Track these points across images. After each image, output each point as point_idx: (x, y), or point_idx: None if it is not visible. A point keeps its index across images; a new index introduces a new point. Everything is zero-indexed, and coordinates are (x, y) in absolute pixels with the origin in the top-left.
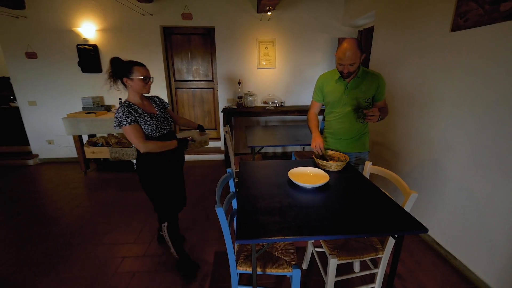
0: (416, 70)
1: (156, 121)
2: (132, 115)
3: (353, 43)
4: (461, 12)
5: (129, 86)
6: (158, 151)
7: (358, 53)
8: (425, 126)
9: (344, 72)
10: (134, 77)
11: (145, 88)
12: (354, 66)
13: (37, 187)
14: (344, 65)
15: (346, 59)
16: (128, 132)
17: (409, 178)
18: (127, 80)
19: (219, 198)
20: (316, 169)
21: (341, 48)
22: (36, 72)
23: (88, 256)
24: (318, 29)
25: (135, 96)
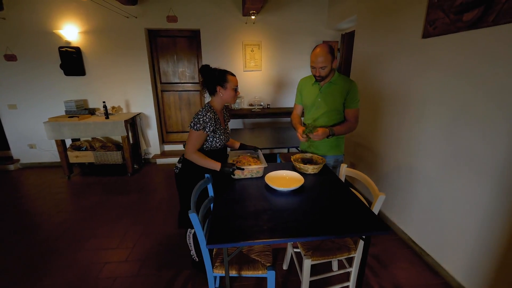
0: (393, 74)
1: (223, 134)
2: (212, 124)
3: (325, 48)
4: (430, 20)
5: (220, 95)
6: (199, 165)
7: (329, 57)
8: (402, 128)
9: (316, 75)
10: (228, 86)
11: (234, 98)
12: (326, 70)
13: (19, 193)
14: (316, 68)
15: (317, 62)
16: (194, 136)
17: (388, 178)
18: (220, 89)
19: (194, 203)
20: (293, 173)
21: (313, 52)
22: (16, 75)
23: (70, 262)
24: (303, 32)
25: (219, 104)
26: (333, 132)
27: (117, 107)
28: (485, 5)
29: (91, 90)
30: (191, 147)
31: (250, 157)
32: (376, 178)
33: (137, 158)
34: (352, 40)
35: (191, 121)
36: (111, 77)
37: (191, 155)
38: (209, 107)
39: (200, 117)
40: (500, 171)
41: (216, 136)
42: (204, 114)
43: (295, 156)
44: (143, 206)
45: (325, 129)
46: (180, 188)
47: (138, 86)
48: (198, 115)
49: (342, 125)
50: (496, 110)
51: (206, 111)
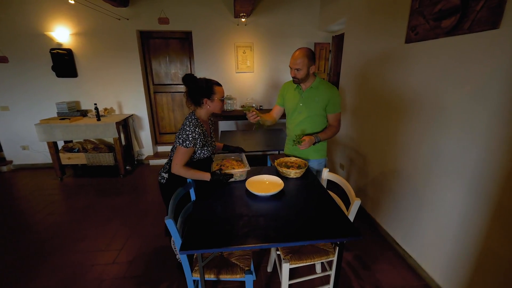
0: (379, 77)
1: (210, 145)
2: (202, 139)
3: (304, 52)
4: (412, 26)
5: (207, 107)
6: (187, 178)
7: (306, 60)
8: (388, 132)
9: (291, 75)
10: (215, 98)
11: (221, 109)
12: (301, 73)
13: (10, 195)
14: (292, 69)
15: (294, 63)
16: (182, 152)
17: (375, 181)
18: (207, 101)
19: (172, 209)
20: (274, 177)
21: (293, 54)
22: (8, 76)
23: (58, 265)
24: (295, 34)
25: (205, 115)
26: (319, 139)
27: (110, 109)
28: (461, 13)
29: (83, 92)
30: (179, 163)
31: (234, 160)
32: (365, 181)
33: (130, 159)
34: (342, 42)
35: (179, 137)
36: (103, 78)
37: (179, 170)
38: (196, 120)
39: (189, 134)
40: (472, 174)
41: (204, 149)
42: (193, 130)
43: (279, 160)
44: (133, 208)
45: (311, 137)
46: (166, 198)
47: (131, 88)
48: (186, 131)
49: (326, 131)
50: (470, 113)
51: (194, 126)
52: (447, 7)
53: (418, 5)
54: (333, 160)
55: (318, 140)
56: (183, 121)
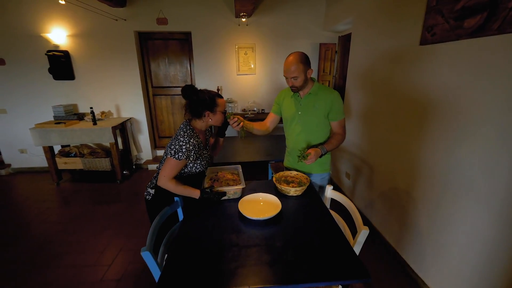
0: (389, 81)
1: (204, 159)
2: (196, 151)
3: (297, 57)
4: (428, 26)
5: (209, 119)
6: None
7: (301, 66)
8: (399, 141)
9: (289, 85)
10: (217, 110)
11: (222, 122)
12: (299, 80)
13: (5, 200)
14: (288, 78)
15: (289, 72)
16: (172, 164)
17: (384, 195)
18: (209, 114)
19: (150, 238)
20: (270, 197)
21: (285, 62)
22: (5, 79)
23: (44, 281)
24: (299, 35)
25: (203, 126)
26: (325, 150)
27: (107, 112)
28: (489, 10)
29: (80, 95)
30: (167, 175)
31: (229, 173)
32: (372, 193)
33: (128, 163)
34: (348, 44)
35: (171, 147)
36: (101, 81)
37: (166, 184)
38: (191, 130)
39: (183, 145)
40: (503, 197)
41: (197, 162)
42: (187, 141)
43: (278, 175)
44: (128, 217)
45: (316, 149)
46: (152, 217)
47: (129, 90)
48: (180, 141)
49: (332, 141)
50: (501, 125)
51: (189, 136)
52: (471, 4)
53: (435, 2)
54: (338, 168)
55: (325, 151)
56: (177, 131)
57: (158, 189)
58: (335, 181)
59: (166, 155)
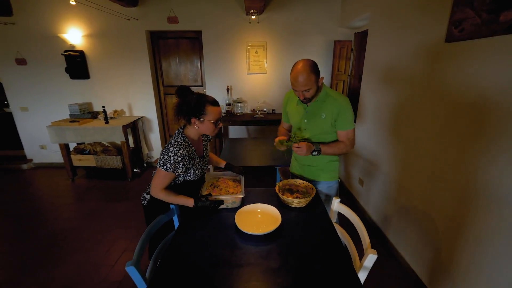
0: (409, 83)
1: (199, 167)
2: (186, 163)
3: (307, 67)
4: (456, 20)
5: (195, 127)
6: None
7: (313, 77)
8: (420, 149)
9: (301, 98)
10: (205, 119)
11: (213, 132)
12: (311, 92)
13: (24, 194)
14: (298, 92)
15: (298, 85)
16: (162, 175)
17: (403, 210)
18: (195, 121)
19: (139, 251)
20: (270, 209)
21: (292, 73)
22: (27, 78)
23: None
24: (313, 31)
25: (196, 134)
26: (319, 148)
27: (120, 111)
28: None
29: (95, 94)
30: (158, 186)
31: (231, 180)
32: (388, 205)
33: (139, 162)
34: (364, 41)
35: (161, 157)
36: (114, 80)
37: (157, 194)
38: (183, 139)
39: (171, 156)
40: None
41: (190, 172)
42: (176, 152)
43: (282, 183)
44: (135, 216)
45: (310, 144)
46: (148, 223)
47: (140, 89)
48: (169, 151)
49: (332, 145)
50: None
51: (179, 146)
52: None
53: None
54: (350, 172)
55: (318, 150)
56: (170, 139)
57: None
58: (346, 185)
59: (157, 164)
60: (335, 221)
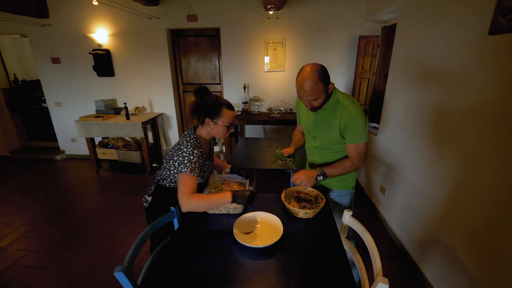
0: (443, 82)
1: (208, 169)
2: (200, 163)
3: (314, 74)
4: (503, 9)
5: (208, 128)
6: (206, 210)
7: (321, 85)
8: (452, 156)
9: (308, 107)
10: (219, 121)
11: (224, 136)
12: (319, 101)
13: (55, 183)
14: (304, 100)
15: (304, 94)
16: (186, 179)
17: (430, 229)
18: (209, 122)
19: (130, 256)
20: (272, 218)
21: (298, 79)
22: (60, 75)
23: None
24: (336, 27)
25: (207, 135)
26: (323, 172)
27: (141, 108)
28: None
29: (119, 90)
30: (189, 191)
31: (236, 184)
32: (412, 220)
33: (158, 157)
34: (392, 36)
35: (178, 162)
36: (136, 77)
37: (191, 202)
38: (195, 140)
39: (186, 156)
40: None
41: (200, 174)
42: (191, 152)
43: (289, 190)
44: None
45: (310, 171)
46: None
47: (161, 87)
48: (184, 152)
49: (337, 165)
50: None
51: (193, 147)
52: None
53: None
54: (371, 178)
55: (322, 174)
56: (180, 140)
57: (155, 196)
58: (367, 192)
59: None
60: (346, 236)
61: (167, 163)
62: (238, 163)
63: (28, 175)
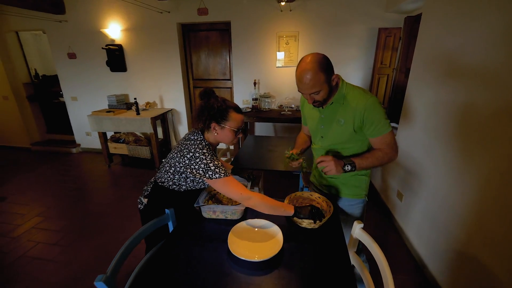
0: (475, 80)
1: None
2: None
3: (313, 64)
4: None
5: (214, 133)
6: (266, 212)
7: (322, 76)
8: (483, 164)
9: (309, 102)
10: (227, 125)
11: (232, 142)
12: (321, 95)
13: (69, 176)
14: (305, 94)
15: (303, 87)
16: (227, 184)
17: (457, 244)
18: (215, 126)
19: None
20: (272, 228)
21: (297, 71)
22: (76, 71)
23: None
24: (353, 19)
25: (214, 141)
26: (350, 161)
27: (152, 103)
28: None
29: (131, 85)
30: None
31: None
32: (433, 231)
33: (167, 153)
34: (417, 27)
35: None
36: (147, 72)
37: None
38: (201, 140)
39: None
40: None
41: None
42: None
43: (293, 196)
44: None
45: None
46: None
47: (171, 82)
48: (202, 160)
49: (367, 155)
50: None
51: (201, 146)
52: None
53: None
54: (387, 182)
55: (350, 163)
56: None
57: (151, 198)
58: (382, 197)
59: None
60: (355, 251)
61: (171, 167)
62: (243, 162)
63: (45, 167)
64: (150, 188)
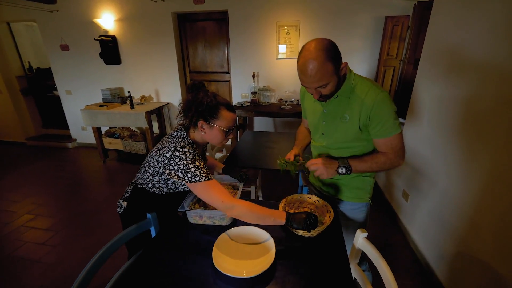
0: (492, 74)
1: None
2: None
3: (318, 51)
4: None
5: (201, 132)
6: (254, 223)
7: (330, 66)
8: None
9: (315, 97)
10: (216, 124)
11: (220, 143)
12: (329, 88)
13: (65, 172)
14: (310, 89)
15: (309, 80)
16: (208, 189)
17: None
18: (203, 125)
19: (83, 277)
20: (262, 235)
21: (299, 62)
22: (70, 63)
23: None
24: (358, 7)
25: (201, 140)
26: (346, 164)
27: (147, 97)
28: None
29: (126, 79)
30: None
31: (230, 187)
32: (440, 232)
33: None
34: (428, 14)
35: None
36: (143, 65)
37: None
38: (184, 138)
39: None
40: None
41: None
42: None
43: (289, 199)
44: None
45: (330, 160)
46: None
47: (167, 75)
48: (176, 157)
49: (366, 158)
50: None
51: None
52: None
53: None
54: (392, 181)
55: (345, 166)
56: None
57: (131, 201)
58: (386, 196)
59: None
60: (357, 262)
61: (150, 167)
62: (238, 160)
63: (40, 163)
64: (130, 190)
